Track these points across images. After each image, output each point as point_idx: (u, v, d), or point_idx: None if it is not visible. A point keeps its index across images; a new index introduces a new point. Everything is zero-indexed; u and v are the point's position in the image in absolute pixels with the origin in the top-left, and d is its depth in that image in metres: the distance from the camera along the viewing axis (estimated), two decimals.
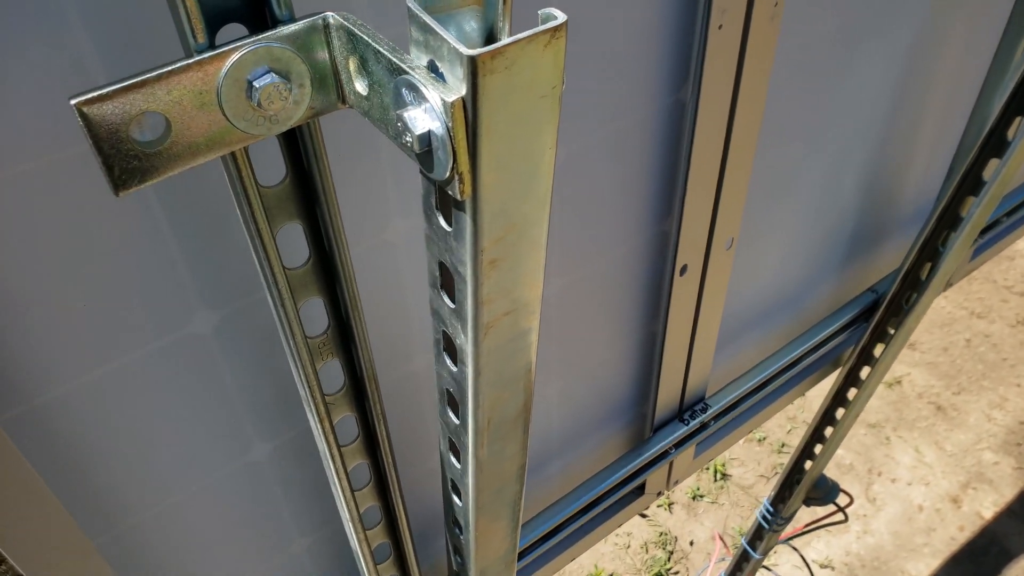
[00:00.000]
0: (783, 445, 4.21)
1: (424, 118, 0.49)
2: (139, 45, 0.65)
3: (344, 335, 0.84)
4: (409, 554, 1.14)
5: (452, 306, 0.66)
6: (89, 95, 0.50)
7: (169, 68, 0.52)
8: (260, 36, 0.54)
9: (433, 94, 0.47)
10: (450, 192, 0.52)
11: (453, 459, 0.88)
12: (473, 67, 0.44)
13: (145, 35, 0.65)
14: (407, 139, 0.50)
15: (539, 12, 0.46)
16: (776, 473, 4.09)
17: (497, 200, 0.53)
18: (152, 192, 0.74)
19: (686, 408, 1.68)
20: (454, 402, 0.80)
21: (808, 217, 1.60)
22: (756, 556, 2.96)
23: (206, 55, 0.53)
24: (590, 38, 0.99)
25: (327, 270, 0.77)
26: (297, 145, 0.66)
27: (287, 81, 0.56)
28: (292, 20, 0.56)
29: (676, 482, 1.97)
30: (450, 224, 0.58)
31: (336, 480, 0.92)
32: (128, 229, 0.74)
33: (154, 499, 0.95)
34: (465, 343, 0.67)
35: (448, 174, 0.50)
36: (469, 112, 0.46)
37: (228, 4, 0.55)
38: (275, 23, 0.56)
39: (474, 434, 0.78)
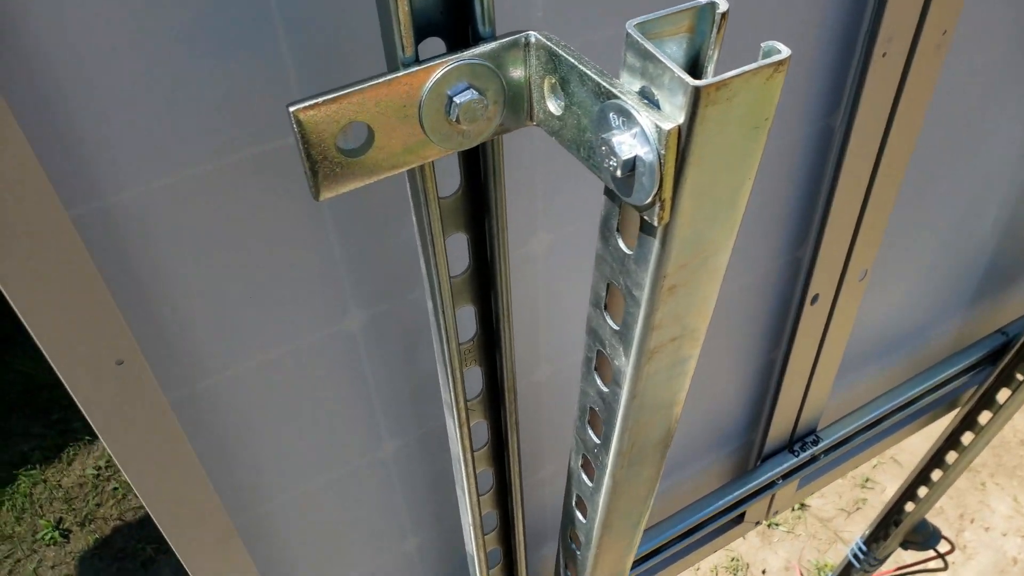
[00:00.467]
0: (867, 480, 4.08)
1: (631, 143, 0.49)
2: (335, 56, 0.67)
3: (488, 343, 0.85)
4: (520, 562, 1.14)
5: (615, 327, 0.66)
6: (306, 103, 0.52)
7: (380, 80, 0.53)
8: (464, 52, 0.55)
9: (647, 121, 0.47)
10: (646, 217, 0.52)
11: (584, 476, 0.88)
12: (696, 97, 0.44)
13: (342, 47, 0.67)
14: (610, 163, 0.50)
15: (762, 45, 0.46)
16: (858, 508, 3.96)
17: (691, 227, 0.53)
18: None
19: (797, 439, 1.64)
20: (596, 421, 0.80)
21: (943, 252, 1.55)
22: None
23: (414, 69, 0.54)
24: (745, 60, 0.97)
25: (482, 280, 0.78)
26: (473, 158, 0.67)
27: (484, 97, 0.57)
28: (494, 37, 0.57)
29: (775, 512, 1.93)
30: (631, 247, 0.58)
31: (465, 483, 0.93)
32: (297, 229, 0.77)
33: (289, 486, 0.98)
34: (624, 365, 0.67)
35: (649, 200, 0.50)
36: (683, 140, 0.46)
37: (433, 19, 0.56)
38: (476, 40, 0.57)
39: (615, 455, 0.78)
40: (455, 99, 0.56)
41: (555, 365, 1.12)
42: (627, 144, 0.49)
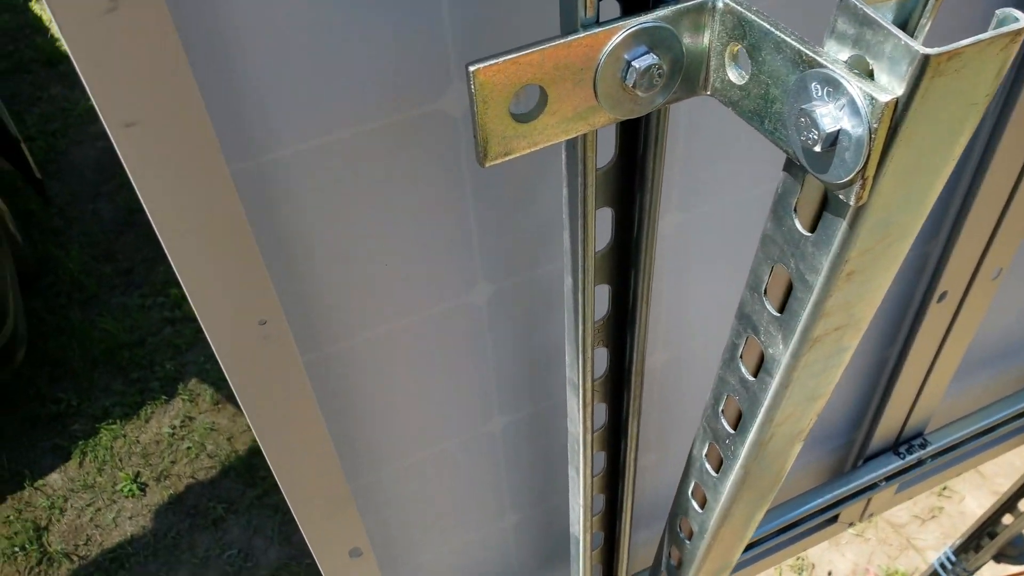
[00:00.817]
0: (944, 488, 3.93)
1: (836, 116, 0.46)
2: (492, 25, 0.66)
3: (618, 324, 0.82)
4: (623, 547, 1.12)
5: (776, 314, 0.62)
6: (487, 62, 0.50)
7: (560, 41, 0.51)
8: (647, 15, 0.52)
9: (859, 92, 0.44)
10: (841, 196, 0.48)
11: (709, 466, 0.86)
12: (923, 67, 0.41)
13: (500, 14, 0.65)
14: (808, 136, 0.47)
15: (997, 13, 0.42)
16: (933, 516, 3.82)
17: (884, 209, 0.49)
18: (465, 162, 0.74)
19: (903, 441, 1.58)
20: (730, 410, 0.77)
21: None
22: None
23: (596, 30, 0.52)
24: None
25: (621, 258, 0.75)
26: (632, 129, 0.64)
27: (662, 64, 0.54)
28: (676, 0, 0.54)
29: (871, 515, 1.87)
30: (811, 229, 0.55)
31: (581, 465, 0.91)
32: (438, 197, 0.75)
33: (402, 454, 0.98)
34: (781, 354, 0.64)
35: (850, 177, 0.46)
36: (898, 114, 0.43)
37: None
38: (655, 2, 0.54)
39: (751, 446, 0.75)
40: (634, 64, 0.53)
41: (673, 351, 1.09)
42: (831, 116, 0.46)
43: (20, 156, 3.18)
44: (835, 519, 1.75)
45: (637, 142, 0.65)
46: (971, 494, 3.87)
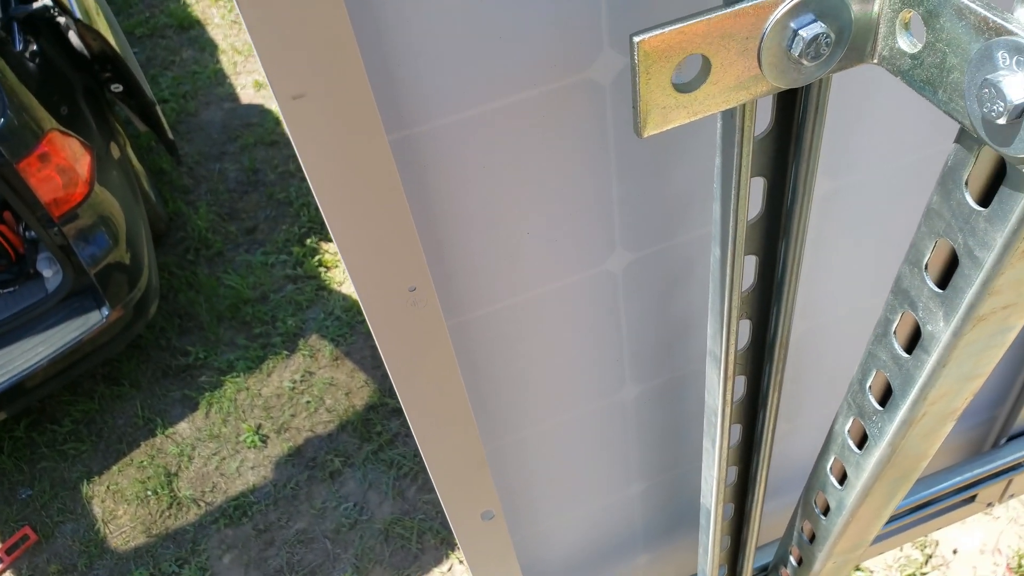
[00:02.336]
0: None
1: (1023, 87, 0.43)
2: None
3: (762, 296, 0.81)
4: (754, 519, 1.12)
5: (938, 290, 0.60)
6: (651, 32, 0.49)
7: (727, 10, 0.50)
8: None
9: None
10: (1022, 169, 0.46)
11: (852, 442, 0.84)
12: None
13: None
14: (992, 108, 0.45)
15: None
16: None
17: None
18: (611, 131, 0.74)
19: None
20: (880, 387, 0.75)
21: None
22: None
23: None
24: None
25: (770, 228, 0.74)
26: (789, 97, 0.63)
27: (829, 32, 0.52)
28: None
29: (1011, 496, 1.79)
30: (983, 203, 0.52)
31: (718, 437, 0.91)
32: (582, 166, 0.76)
33: (536, 420, 1.00)
34: (941, 331, 0.61)
35: None
36: None
37: None
38: None
39: (901, 424, 0.73)
40: (800, 32, 0.52)
41: (809, 323, 1.06)
42: (1020, 87, 0.44)
43: (155, 118, 3.35)
44: (973, 499, 1.68)
45: (794, 110, 0.63)
46: None
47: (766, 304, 0.81)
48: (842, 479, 0.90)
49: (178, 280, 3.71)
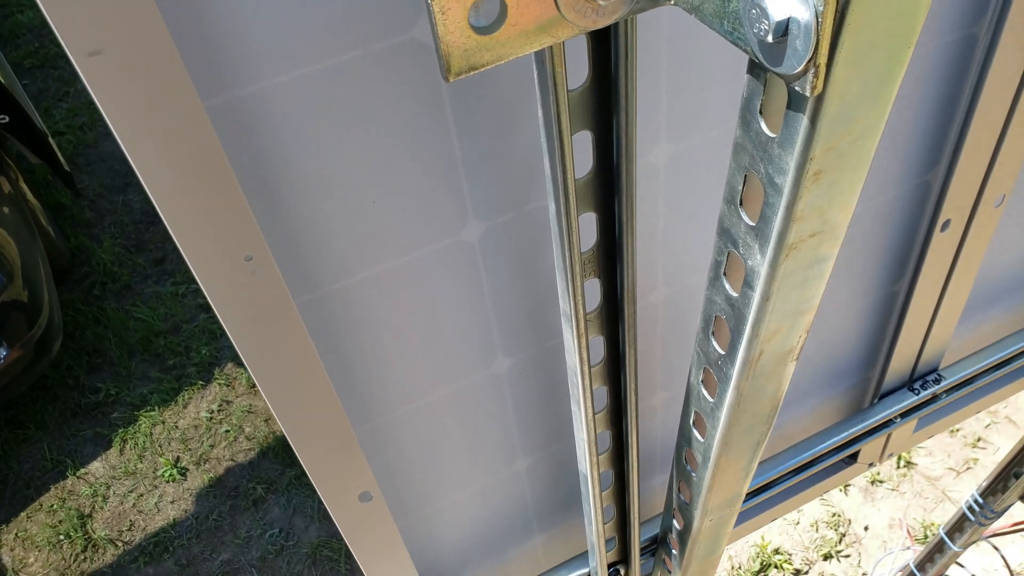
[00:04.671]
0: (979, 439, 3.90)
1: (786, 3, 0.46)
2: None
3: (608, 255, 0.83)
4: (633, 484, 1.14)
5: (751, 223, 0.63)
6: None
7: None
8: None
9: None
10: (797, 88, 0.48)
11: (705, 392, 0.86)
12: None
13: None
14: (760, 27, 0.47)
15: None
16: (968, 468, 3.79)
17: (842, 101, 0.49)
18: (446, 92, 0.75)
19: (917, 377, 1.57)
20: (721, 331, 0.78)
21: None
22: (954, 548, 2.77)
23: None
24: None
25: (605, 184, 0.76)
26: (603, 48, 0.65)
27: None
28: None
29: (890, 455, 1.87)
30: (775, 130, 0.55)
31: (581, 398, 0.92)
32: (419, 129, 0.76)
33: (407, 398, 0.99)
34: (759, 264, 0.64)
35: (801, 67, 0.47)
36: None
37: None
38: None
39: (741, 365, 0.76)
40: None
41: (672, 288, 1.09)
42: (779, 5, 0.46)
43: (49, 150, 3.23)
44: (854, 458, 1.75)
45: (609, 62, 0.65)
46: (1006, 445, 3.84)
47: (612, 263, 0.83)
48: (704, 432, 0.92)
49: (84, 316, 3.58)
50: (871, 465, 1.82)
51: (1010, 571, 3.50)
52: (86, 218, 3.96)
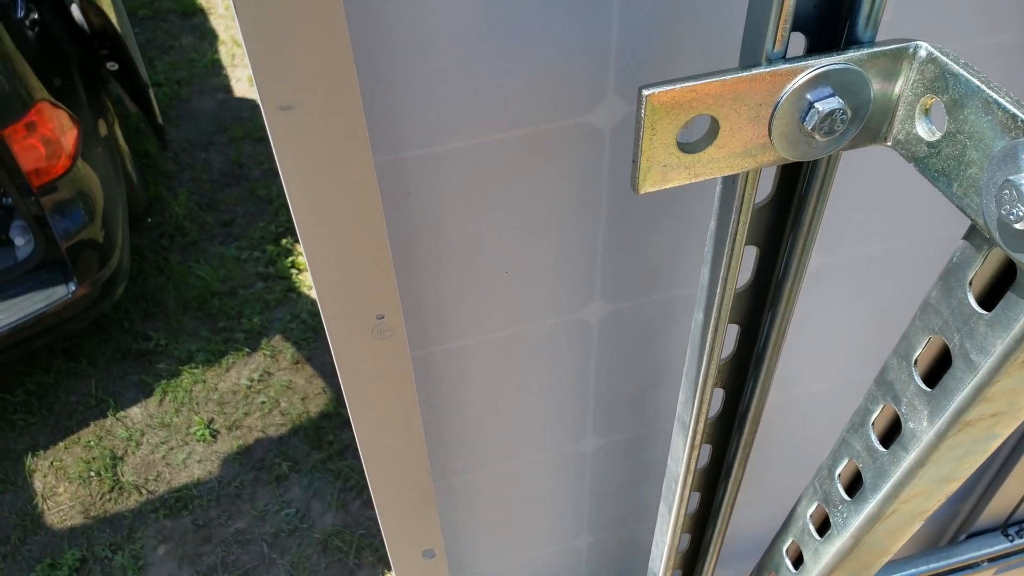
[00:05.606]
0: None
1: None
2: (659, 49, 0.62)
3: (740, 365, 0.78)
4: None
5: (926, 388, 0.57)
6: (663, 87, 0.47)
7: (743, 74, 0.47)
8: (839, 56, 0.48)
9: None
10: None
11: (812, 527, 0.81)
12: None
13: (668, 40, 0.62)
14: (1012, 210, 0.42)
15: None
16: None
17: None
18: (606, 180, 0.71)
19: (1013, 523, 1.48)
20: (851, 476, 0.72)
21: None
22: None
23: (782, 66, 0.48)
24: None
25: (757, 298, 0.71)
26: (793, 167, 0.60)
27: (846, 108, 0.50)
28: (872, 42, 0.50)
29: None
30: (986, 306, 0.50)
31: (675, 505, 0.87)
32: (571, 211, 0.73)
33: (491, 461, 0.96)
34: (924, 431, 0.59)
35: None
36: None
37: (802, 11, 0.50)
38: (849, 42, 0.50)
39: (867, 519, 0.70)
40: (816, 105, 0.49)
41: (783, 394, 1.04)
42: None
43: (147, 101, 3.30)
44: None
45: (797, 182, 0.61)
46: None
47: (742, 374, 0.78)
48: (797, 562, 0.86)
49: (149, 264, 3.65)
50: None
51: None
52: (167, 169, 4.03)
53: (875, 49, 0.49)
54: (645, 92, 0.47)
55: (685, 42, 0.63)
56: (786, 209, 0.63)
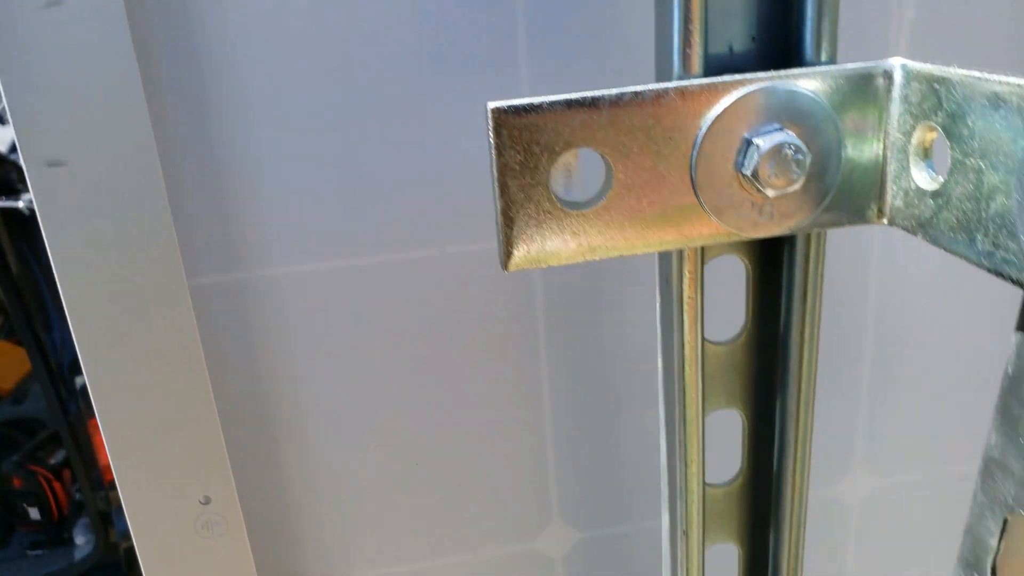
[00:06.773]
0: None
1: None
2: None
3: None
4: None
5: None
6: (516, 102, 0.32)
7: (637, 89, 0.33)
8: (786, 72, 0.34)
9: None
10: None
11: None
12: None
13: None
14: None
15: None
16: None
17: None
18: (541, 311, 0.55)
19: None
20: None
21: None
22: None
23: (695, 81, 0.33)
24: None
25: (757, 503, 0.50)
26: (771, 288, 0.43)
27: (798, 145, 0.34)
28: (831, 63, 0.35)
29: None
30: None
31: None
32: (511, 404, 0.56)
33: None
34: None
35: None
36: None
37: (733, 24, 0.36)
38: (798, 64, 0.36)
39: None
40: (755, 140, 0.34)
41: None
42: None
43: None
44: None
45: (778, 306, 0.43)
46: None
47: None
48: None
49: None
50: None
51: None
52: None
53: (838, 68, 0.34)
54: (490, 105, 0.32)
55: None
56: (771, 347, 0.45)
